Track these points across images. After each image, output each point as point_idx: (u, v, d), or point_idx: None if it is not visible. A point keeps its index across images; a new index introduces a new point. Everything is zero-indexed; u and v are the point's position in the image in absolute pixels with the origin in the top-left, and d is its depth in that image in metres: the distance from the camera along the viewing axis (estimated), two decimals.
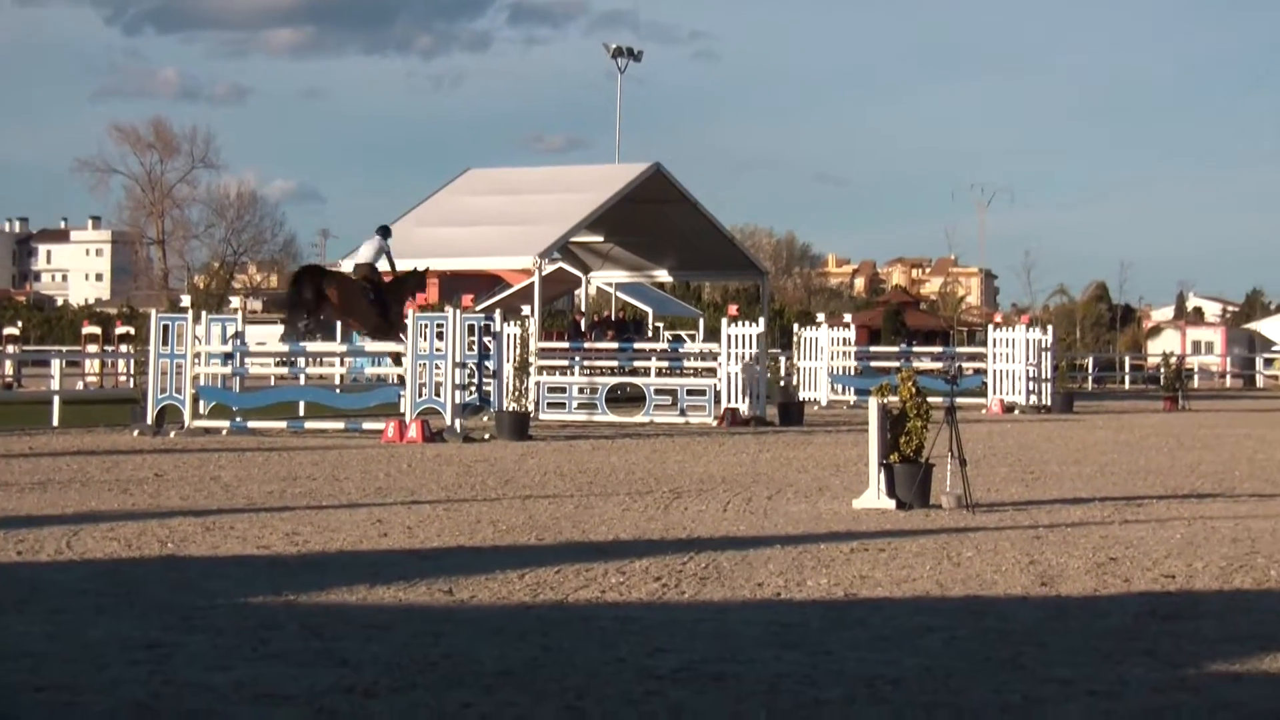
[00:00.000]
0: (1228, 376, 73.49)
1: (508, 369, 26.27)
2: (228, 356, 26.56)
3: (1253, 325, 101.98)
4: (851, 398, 39.11)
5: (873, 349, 46.24)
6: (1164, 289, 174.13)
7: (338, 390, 32.98)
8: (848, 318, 45.00)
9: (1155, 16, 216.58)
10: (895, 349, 45.53)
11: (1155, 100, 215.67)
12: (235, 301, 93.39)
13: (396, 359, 26.20)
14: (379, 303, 28.02)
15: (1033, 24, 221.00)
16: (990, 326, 41.00)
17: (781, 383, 34.41)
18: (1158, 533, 12.80)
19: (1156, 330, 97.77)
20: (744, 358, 30.71)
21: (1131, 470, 19.56)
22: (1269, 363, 77.20)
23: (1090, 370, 64.98)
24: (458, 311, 25.30)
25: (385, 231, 29.17)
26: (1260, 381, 73.41)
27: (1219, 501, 15.69)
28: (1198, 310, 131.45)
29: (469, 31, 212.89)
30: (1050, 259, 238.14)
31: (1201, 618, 8.96)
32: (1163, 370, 46.89)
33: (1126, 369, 68.98)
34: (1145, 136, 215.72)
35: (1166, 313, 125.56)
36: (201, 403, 26.39)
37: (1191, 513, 14.41)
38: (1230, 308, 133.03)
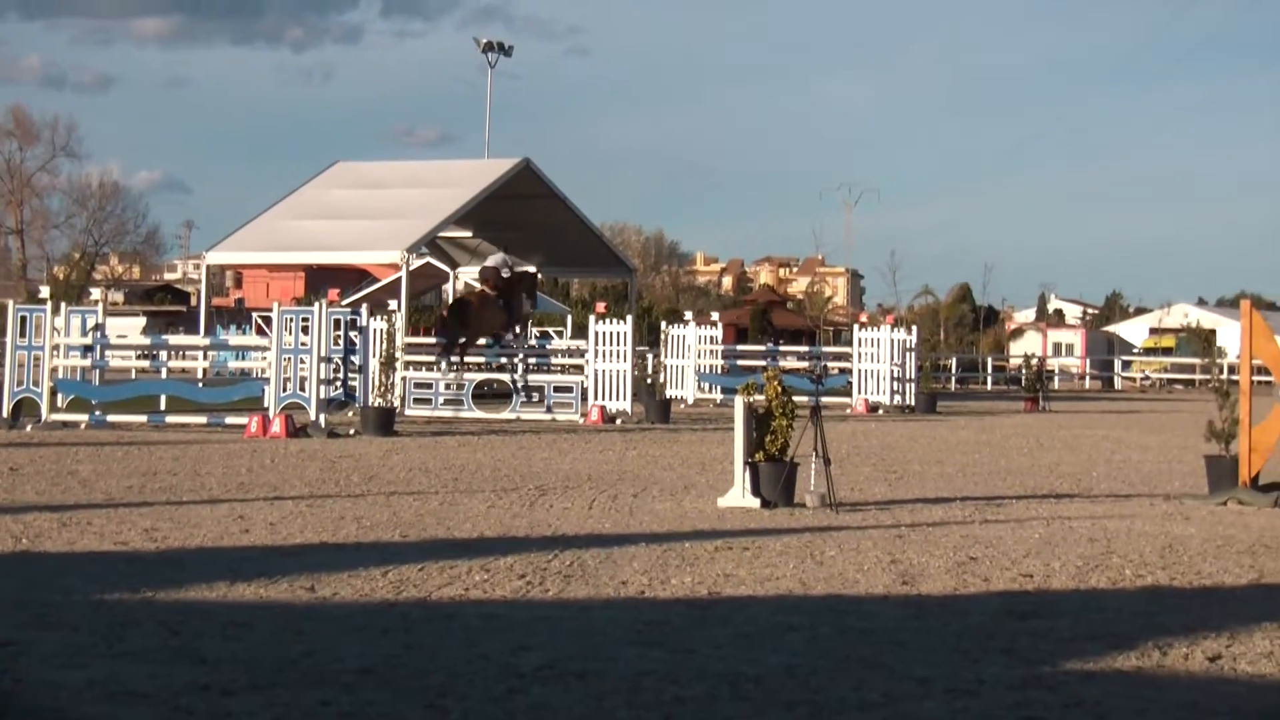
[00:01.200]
0: (1087, 378, 74.83)
1: (374, 364, 26.11)
2: (87, 349, 26.16)
3: (1112, 328, 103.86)
4: (718, 396, 39.32)
5: (740, 347, 46.49)
6: (1027, 291, 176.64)
7: (200, 384, 32.56)
8: (715, 316, 45.21)
9: (1022, 13, 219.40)
10: (762, 348, 45.80)
11: (1017, 102, 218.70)
12: (96, 293, 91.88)
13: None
14: (506, 307, 31.97)
15: (902, 19, 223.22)
16: (856, 326, 41.37)
17: (649, 380, 34.47)
18: (1017, 532, 12.98)
19: (1019, 332, 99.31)
20: (620, 355, 30.75)
21: (992, 470, 19.82)
22: (1127, 365, 78.64)
23: (954, 371, 65.88)
24: (323, 305, 25.11)
25: (508, 249, 35.73)
26: (1118, 383, 74.82)
27: (1077, 502, 15.94)
28: (1059, 313, 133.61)
29: (340, 24, 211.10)
30: (916, 260, 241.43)
31: (1058, 616, 9.10)
32: (1024, 372, 47.62)
33: (989, 370, 69.99)
34: (1007, 139, 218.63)
35: (1029, 315, 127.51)
36: (60, 396, 25.96)
37: (1050, 513, 14.63)
38: (1090, 310, 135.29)
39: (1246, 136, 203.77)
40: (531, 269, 32.90)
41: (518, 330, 32.73)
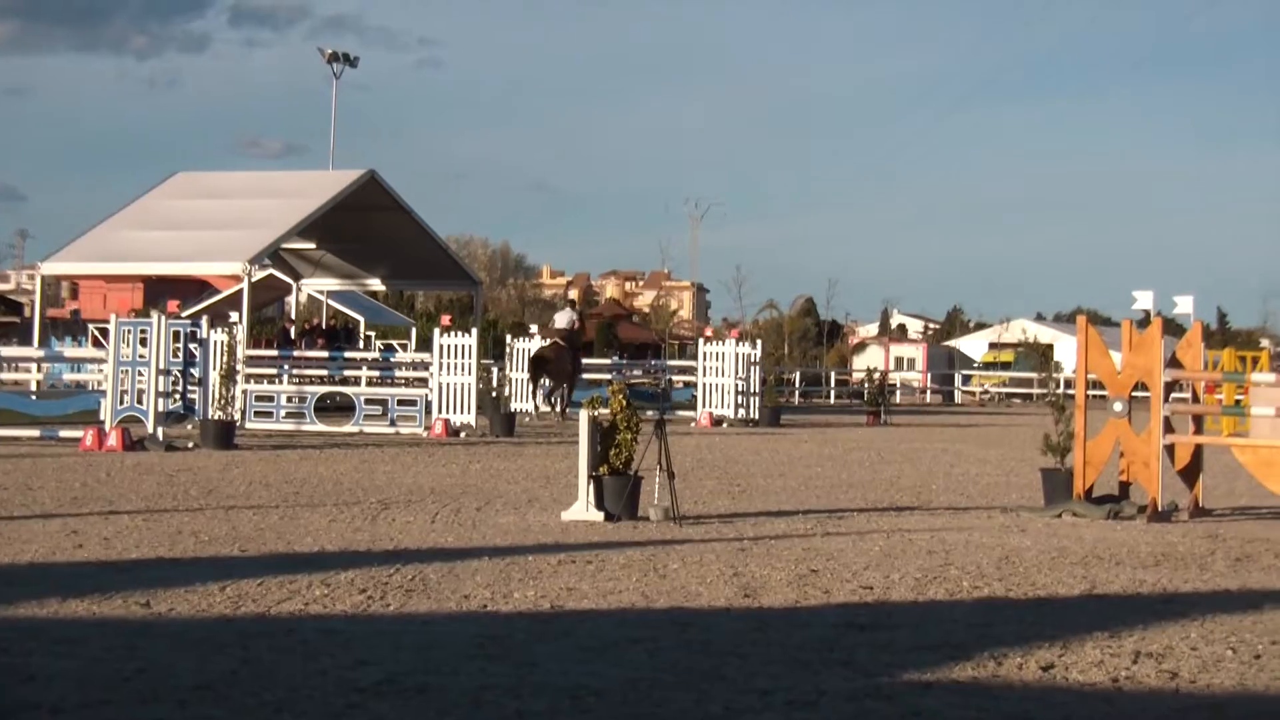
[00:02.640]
0: (928, 392, 75.84)
1: (214, 377, 25.77)
2: None
3: (952, 342, 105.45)
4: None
5: (586, 361, 46.47)
6: (870, 306, 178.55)
7: (34, 397, 31.92)
8: None
9: (856, 32, 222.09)
10: (607, 361, 45.87)
11: (860, 118, 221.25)
12: None
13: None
14: (574, 359, 36.83)
15: (745, 35, 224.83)
16: (701, 340, 41.56)
17: (493, 394, 34.38)
18: (858, 545, 13.12)
19: (862, 346, 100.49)
20: (464, 368, 30.63)
21: (834, 483, 20.01)
22: (967, 379, 79.85)
23: (797, 385, 66.38)
24: (163, 317, 24.74)
25: (573, 304, 42.50)
26: (958, 397, 75.95)
27: (916, 514, 16.15)
28: (901, 327, 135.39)
29: (186, 32, 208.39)
30: (761, 274, 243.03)
31: (897, 628, 9.20)
32: (867, 386, 48.14)
33: (832, 384, 70.67)
34: (851, 156, 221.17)
35: (872, 329, 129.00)
36: None
37: (890, 525, 14.81)
38: (932, 325, 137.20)
39: (1086, 156, 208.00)
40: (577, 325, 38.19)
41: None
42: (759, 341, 43.07)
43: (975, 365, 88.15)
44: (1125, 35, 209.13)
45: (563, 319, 37.85)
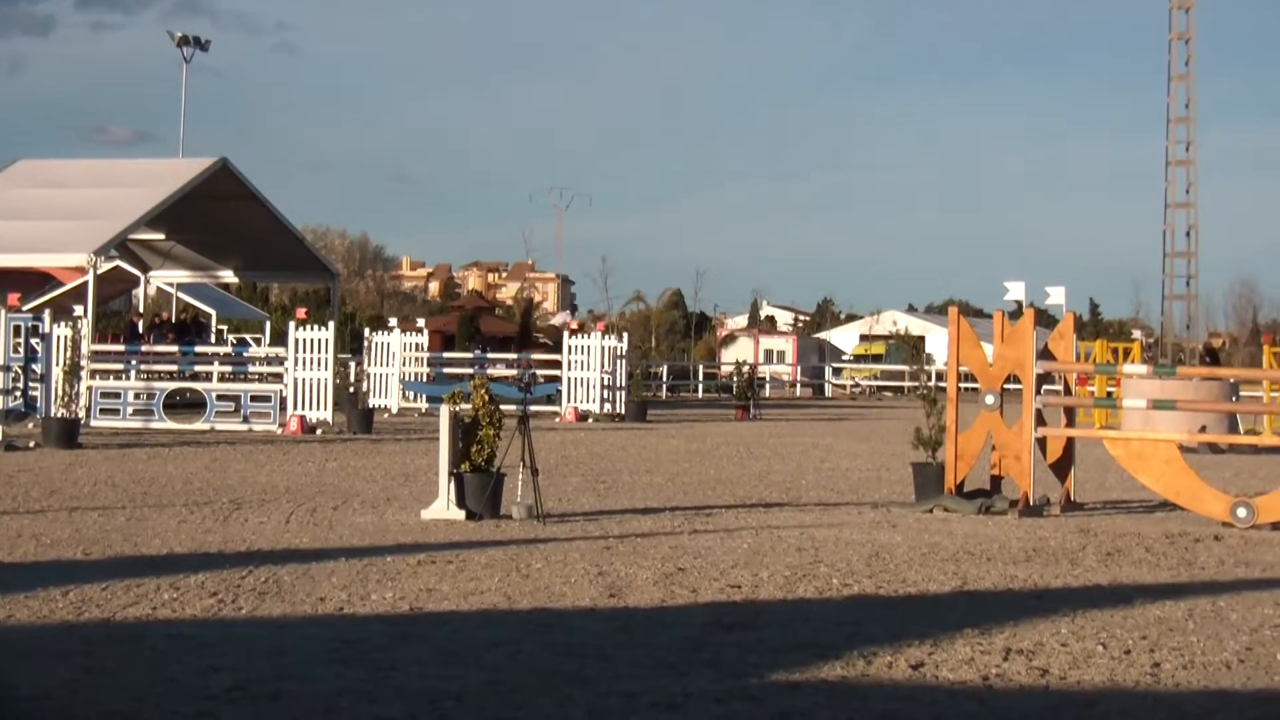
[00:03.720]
0: (798, 385, 76.38)
1: (56, 372, 25.36)
2: None
3: (823, 335, 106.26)
4: (423, 405, 39.20)
5: (446, 355, 46.26)
6: (739, 297, 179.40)
7: None
8: (421, 323, 45.07)
9: (728, 19, 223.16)
10: (469, 355, 45.70)
11: (728, 105, 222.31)
12: None
13: None
14: None
15: (611, 24, 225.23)
16: (566, 333, 41.58)
17: (351, 389, 34.16)
18: (726, 542, 13.18)
19: (731, 339, 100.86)
20: (321, 363, 30.40)
21: (702, 479, 20.10)
22: (838, 372, 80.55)
23: (665, 378, 66.64)
24: (2, 311, 24.30)
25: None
26: (829, 390, 76.60)
27: (786, 510, 16.26)
28: (771, 319, 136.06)
29: (30, 15, 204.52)
30: (627, 265, 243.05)
31: (765, 627, 9.26)
32: (735, 379, 48.41)
33: (700, 377, 70.99)
34: (719, 142, 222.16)
35: (741, 321, 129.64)
36: None
37: (759, 522, 14.89)
38: (802, 317, 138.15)
39: (951, 148, 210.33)
40: None
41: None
42: (625, 334, 43.16)
43: (846, 358, 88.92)
44: (993, 23, 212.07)
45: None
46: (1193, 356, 64.14)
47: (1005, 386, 17.05)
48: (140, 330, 42.37)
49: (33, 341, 24.33)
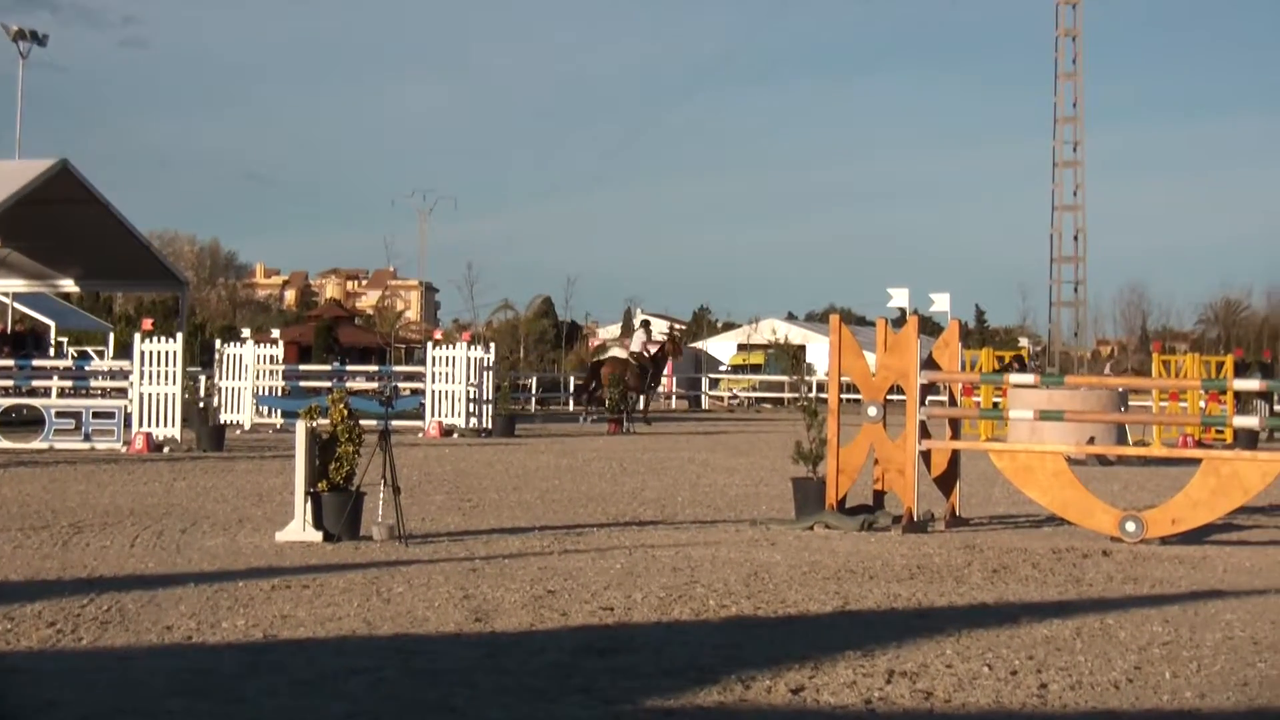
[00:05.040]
0: (674, 398, 76.52)
1: None
2: None
3: (700, 344, 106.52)
4: (279, 421, 38.82)
5: (303, 367, 45.98)
6: (612, 305, 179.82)
7: None
8: (276, 333, 44.79)
9: (597, 19, 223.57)
10: (328, 367, 45.42)
11: (598, 107, 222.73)
12: None
13: None
14: (642, 375, 44.31)
15: (479, 25, 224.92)
16: (430, 344, 41.41)
17: (201, 404, 33.82)
18: (598, 563, 13.19)
19: (603, 348, 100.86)
20: (169, 377, 30.05)
21: (573, 497, 20.09)
22: (715, 383, 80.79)
23: (534, 391, 66.59)
24: None
25: (647, 324, 48.98)
26: (705, 402, 76.80)
27: (661, 529, 16.28)
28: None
29: None
30: (494, 273, 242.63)
31: (639, 651, 9.27)
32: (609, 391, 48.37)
33: (572, 389, 70.95)
34: (589, 145, 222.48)
35: (614, 330, 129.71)
36: None
37: (633, 541, 14.91)
38: (678, 326, 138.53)
39: (829, 150, 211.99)
40: (679, 334, 44.08)
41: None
42: (493, 345, 43.06)
43: (723, 368, 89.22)
44: (871, 20, 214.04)
45: (637, 341, 46.34)
46: (1081, 365, 65.01)
47: (889, 397, 17.20)
48: None
49: None
